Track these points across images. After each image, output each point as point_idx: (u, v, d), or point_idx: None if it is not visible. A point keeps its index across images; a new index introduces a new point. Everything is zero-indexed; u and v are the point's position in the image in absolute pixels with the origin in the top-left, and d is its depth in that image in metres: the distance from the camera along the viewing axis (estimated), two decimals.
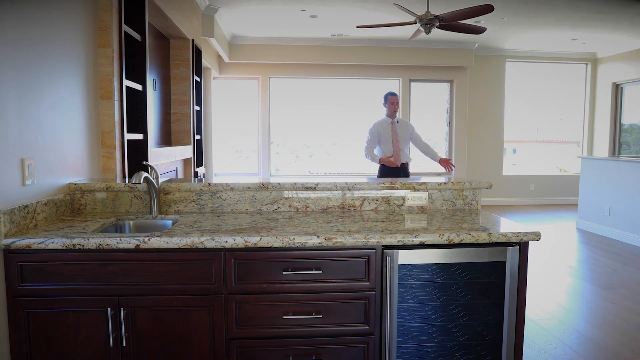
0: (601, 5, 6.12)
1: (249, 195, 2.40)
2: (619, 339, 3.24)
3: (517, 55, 9.23)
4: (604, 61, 9.36)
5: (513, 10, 6.39)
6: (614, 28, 7.38)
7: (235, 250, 1.81)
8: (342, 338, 1.89)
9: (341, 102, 9.04)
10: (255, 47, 8.16)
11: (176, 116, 5.08)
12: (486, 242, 1.89)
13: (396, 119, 5.21)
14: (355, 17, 6.68)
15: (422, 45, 8.42)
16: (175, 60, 5.03)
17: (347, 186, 2.41)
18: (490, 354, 1.99)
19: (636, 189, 5.98)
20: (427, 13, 4.90)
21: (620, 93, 9.15)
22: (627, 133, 9.08)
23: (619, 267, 4.99)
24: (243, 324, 1.85)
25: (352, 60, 8.45)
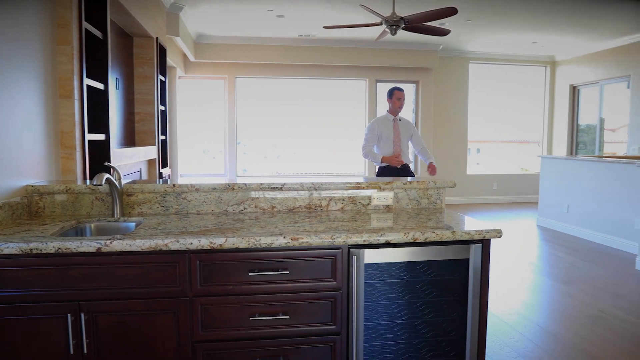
0: (559, 10, 6.34)
1: (214, 196, 2.37)
2: (577, 331, 3.37)
3: (480, 57, 9.46)
4: (562, 64, 9.70)
5: (476, 14, 6.55)
6: (571, 32, 7.66)
7: (200, 252, 1.79)
8: (309, 338, 1.89)
9: (309, 103, 9.06)
10: (221, 47, 8.07)
11: (140, 116, 4.97)
12: (450, 240, 1.93)
13: (398, 117, 4.87)
14: (322, 18, 6.70)
15: (388, 46, 8.53)
16: (139, 59, 4.92)
17: (314, 186, 2.42)
18: (454, 350, 2.03)
19: (592, 187, 6.23)
20: (393, 14, 4.96)
21: (577, 95, 9.50)
22: (584, 133, 9.43)
23: (577, 262, 5.18)
24: (209, 327, 1.83)
25: (319, 61, 8.48)
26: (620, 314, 3.67)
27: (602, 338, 3.24)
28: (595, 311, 3.73)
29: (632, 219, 5.50)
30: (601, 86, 8.80)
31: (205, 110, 8.73)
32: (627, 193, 5.62)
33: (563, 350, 3.08)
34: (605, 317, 3.60)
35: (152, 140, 5.00)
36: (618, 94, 8.51)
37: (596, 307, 3.82)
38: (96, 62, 3.21)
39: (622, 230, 5.72)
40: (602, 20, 6.90)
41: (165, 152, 5.63)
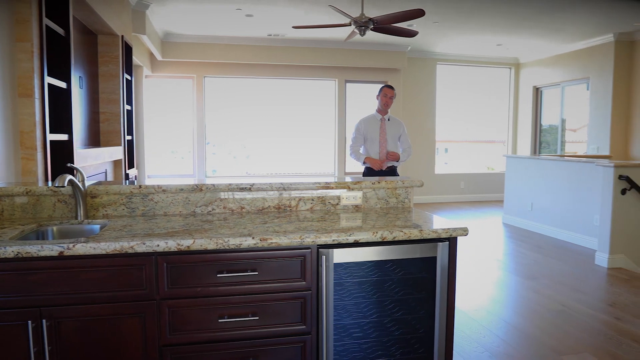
0: (523, 14, 6.52)
1: (182, 198, 2.34)
2: (541, 325, 3.47)
3: (447, 59, 9.63)
4: (526, 66, 9.97)
5: (443, 16, 6.66)
6: (534, 35, 7.89)
7: (167, 254, 1.76)
8: (279, 339, 1.88)
9: (278, 103, 9.03)
10: (189, 46, 7.96)
11: (105, 115, 4.85)
12: (418, 238, 1.96)
13: (387, 116, 4.70)
14: (291, 18, 6.69)
15: (357, 47, 8.58)
16: (104, 57, 4.80)
17: (283, 186, 2.41)
18: (423, 346, 2.06)
19: (555, 185, 6.42)
20: (362, 15, 5.00)
21: (540, 96, 9.79)
22: (547, 133, 9.72)
23: (541, 258, 5.33)
24: (177, 330, 1.80)
25: (289, 61, 8.46)
26: (581, 307, 3.80)
27: (564, 331, 3.35)
28: (558, 305, 3.85)
29: (592, 215, 5.71)
30: (562, 88, 9.10)
31: (173, 110, 8.59)
32: (587, 191, 5.82)
33: (528, 344, 3.16)
34: (567, 311, 3.72)
35: (118, 141, 4.89)
36: (578, 95, 8.81)
37: (559, 301, 3.94)
38: (58, 60, 3.12)
39: (582, 227, 5.92)
40: (563, 25, 7.13)
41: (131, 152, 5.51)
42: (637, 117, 7.74)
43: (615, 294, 4.13)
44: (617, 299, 4.02)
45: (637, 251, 4.99)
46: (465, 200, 9.90)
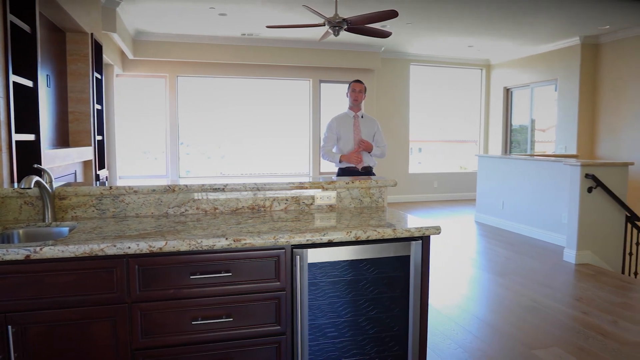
0: (494, 17, 6.65)
1: (154, 199, 2.30)
2: (512, 321, 3.54)
3: (420, 59, 9.74)
4: (497, 67, 10.17)
5: (416, 17, 6.74)
6: (504, 37, 8.05)
7: (139, 256, 1.72)
8: (254, 340, 1.87)
9: (253, 103, 8.98)
10: (161, 44, 7.85)
11: (74, 115, 4.73)
12: (391, 237, 1.97)
13: (360, 113, 4.45)
14: (265, 17, 6.66)
15: (331, 47, 8.61)
16: (73, 55, 4.68)
17: (257, 187, 2.40)
18: (398, 344, 2.08)
19: (525, 184, 6.57)
20: (336, 16, 5.01)
21: (510, 97, 10.00)
22: (517, 133, 9.94)
23: (512, 255, 5.45)
24: (150, 333, 1.77)
25: (263, 60, 8.43)
26: (550, 302, 3.90)
27: (534, 326, 3.43)
28: (528, 301, 3.94)
29: (560, 213, 5.86)
30: (532, 89, 9.31)
31: (145, 109, 8.45)
32: (555, 189, 5.98)
33: (500, 340, 3.23)
34: (537, 307, 3.81)
35: (88, 141, 4.78)
36: (547, 96, 9.04)
37: (529, 297, 4.03)
38: (24, 58, 3.02)
39: (551, 225, 6.07)
40: (532, 27, 7.30)
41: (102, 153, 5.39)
42: (603, 117, 7.99)
43: (582, 289, 4.26)
44: (584, 293, 4.14)
45: (602, 248, 5.15)
46: (438, 199, 10.04)
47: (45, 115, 3.89)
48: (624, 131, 7.60)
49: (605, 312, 3.68)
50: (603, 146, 8.00)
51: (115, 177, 7.52)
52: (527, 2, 5.93)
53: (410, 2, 5.99)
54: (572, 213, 5.12)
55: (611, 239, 5.19)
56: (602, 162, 5.24)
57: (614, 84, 7.76)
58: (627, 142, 7.53)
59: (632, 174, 6.80)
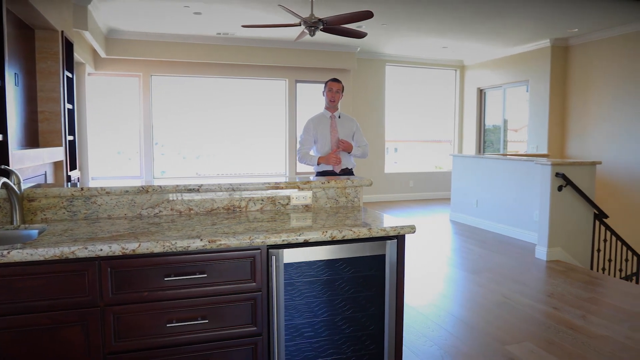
0: (467, 19, 6.75)
1: (127, 200, 2.26)
2: (486, 317, 3.61)
3: (395, 60, 9.83)
4: (470, 68, 10.34)
5: (391, 18, 6.79)
6: (477, 39, 8.19)
7: (111, 258, 1.69)
8: (230, 341, 1.86)
9: (229, 102, 8.91)
10: (135, 43, 7.72)
11: (44, 115, 4.62)
12: (367, 237, 1.99)
13: (337, 113, 4.26)
14: (241, 16, 6.62)
15: (307, 47, 8.61)
16: (42, 53, 4.57)
17: (232, 187, 2.38)
18: (374, 343, 2.09)
19: (498, 183, 6.70)
20: (312, 16, 5.02)
21: (483, 97, 10.18)
22: (491, 133, 10.13)
23: (485, 253, 5.55)
24: (123, 337, 1.74)
25: (239, 60, 8.38)
26: (522, 299, 3.98)
27: (507, 322, 3.50)
28: (501, 298, 4.02)
29: (532, 211, 6.00)
30: (504, 89, 9.50)
31: (118, 109, 8.30)
32: (527, 188, 6.11)
33: (474, 336, 3.29)
34: (509, 303, 3.89)
35: (59, 141, 4.67)
36: (519, 97, 9.23)
37: (502, 294, 4.12)
38: None
39: (523, 222, 6.21)
40: (504, 29, 7.45)
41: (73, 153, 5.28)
42: (572, 117, 8.20)
43: (553, 285, 4.36)
44: (554, 289, 4.24)
45: (572, 244, 5.29)
46: (414, 198, 10.15)
47: (13, 115, 3.79)
48: (591, 131, 7.82)
49: (574, 307, 3.78)
50: (572, 146, 8.21)
51: (87, 178, 7.37)
52: (499, 4, 6.05)
53: (386, 3, 6.04)
54: (543, 211, 5.24)
55: (580, 236, 5.34)
56: (572, 162, 5.39)
57: (582, 86, 7.98)
58: (595, 142, 7.75)
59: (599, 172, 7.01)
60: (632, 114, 7.12)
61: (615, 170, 7.35)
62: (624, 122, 7.25)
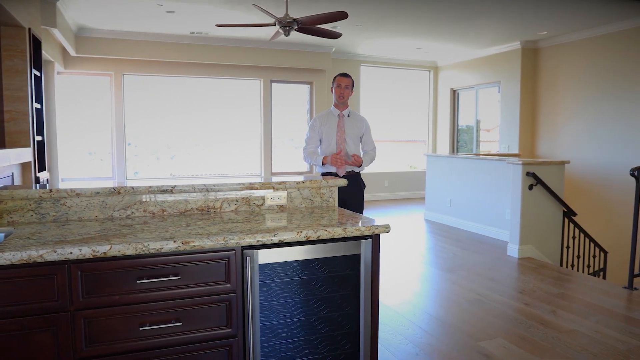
0: (440, 20, 6.84)
1: (98, 201, 2.22)
2: (459, 314, 3.67)
3: (370, 60, 9.89)
4: (444, 69, 10.48)
5: (366, 19, 6.83)
6: (451, 40, 8.31)
7: (81, 261, 1.66)
8: (204, 344, 1.84)
9: (203, 102, 8.82)
10: (106, 41, 7.57)
11: (11, 114, 4.48)
12: (342, 236, 2.00)
13: (347, 112, 3.89)
14: (214, 16, 6.56)
15: (282, 47, 8.59)
16: (8, 51, 4.43)
17: (206, 188, 2.36)
18: (350, 342, 2.10)
19: (471, 182, 6.81)
20: (286, 16, 5.01)
21: (456, 98, 10.34)
22: (464, 133, 10.29)
23: (459, 251, 5.63)
24: (95, 341, 1.70)
25: (213, 60, 8.30)
26: (495, 296, 4.06)
27: (480, 319, 3.56)
28: (474, 295, 4.09)
29: (504, 210, 6.12)
30: (477, 90, 9.67)
31: (90, 108, 8.12)
32: (499, 187, 6.23)
33: (448, 333, 3.33)
34: (482, 300, 3.96)
35: (26, 142, 4.54)
36: (491, 97, 9.41)
37: (475, 291, 4.19)
38: None
39: (495, 221, 6.33)
40: (476, 31, 7.58)
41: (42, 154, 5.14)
42: (542, 118, 8.40)
43: (525, 282, 4.46)
44: (526, 286, 4.34)
45: (543, 242, 5.42)
46: (389, 198, 10.23)
47: None
48: (560, 131, 8.03)
49: (545, 303, 3.87)
50: (542, 145, 8.41)
51: (57, 179, 7.19)
52: (471, 6, 6.15)
53: (360, 5, 6.07)
54: (514, 209, 5.35)
55: (550, 234, 5.47)
56: (542, 161, 5.51)
57: (551, 87, 8.19)
58: (564, 142, 7.96)
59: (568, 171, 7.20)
60: (599, 115, 7.34)
61: (583, 169, 7.57)
62: (591, 122, 7.47)
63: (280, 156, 9.39)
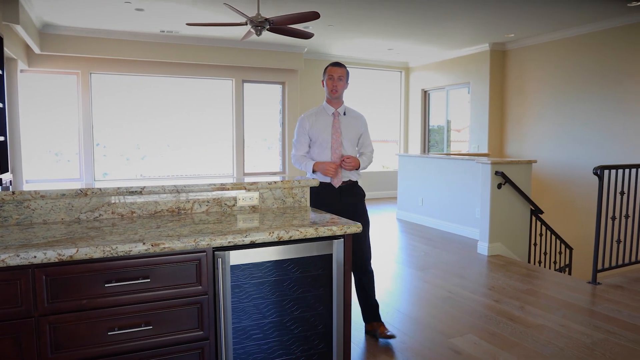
0: (411, 22, 6.92)
1: (64, 204, 2.16)
2: (431, 312, 3.72)
3: (342, 61, 9.86)
4: (415, 70, 10.61)
5: (338, 19, 6.86)
6: (422, 41, 8.42)
7: (46, 265, 1.61)
8: (176, 347, 1.82)
9: (174, 102, 8.69)
10: (72, 39, 7.37)
11: None
12: (314, 236, 2.00)
13: (342, 108, 3.18)
14: (185, 14, 6.47)
15: (255, 47, 8.54)
16: None
17: (177, 189, 2.32)
18: (323, 342, 2.11)
19: (442, 181, 6.92)
20: (258, 15, 4.98)
21: (428, 98, 10.48)
22: (435, 133, 10.44)
23: (430, 250, 5.71)
24: (61, 348, 1.66)
25: (184, 59, 8.19)
26: (466, 293, 4.13)
27: (451, 316, 3.62)
28: (445, 292, 4.15)
29: (474, 208, 6.23)
30: (447, 91, 9.82)
31: (55, 108, 7.89)
32: (469, 186, 6.35)
33: (420, 331, 3.38)
34: (453, 297, 4.02)
35: None
36: (461, 98, 9.57)
37: (446, 288, 4.25)
38: None
39: (465, 219, 6.44)
40: (446, 33, 7.70)
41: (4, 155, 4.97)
42: (510, 118, 8.60)
43: (494, 279, 4.56)
44: (495, 283, 4.43)
45: (511, 239, 5.55)
46: None
47: None
48: (528, 131, 8.23)
49: (513, 299, 3.96)
50: (511, 145, 8.61)
51: (21, 181, 6.97)
52: (441, 8, 6.24)
53: (332, 5, 6.09)
54: (484, 208, 5.46)
55: (518, 231, 5.61)
56: (510, 160, 5.64)
57: (519, 88, 8.39)
58: (531, 142, 8.17)
59: (535, 171, 7.40)
60: (564, 115, 7.56)
61: (549, 169, 7.78)
62: (557, 123, 7.69)
63: (253, 156, 9.34)
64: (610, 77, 6.87)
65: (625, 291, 4.15)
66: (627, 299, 3.94)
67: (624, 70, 6.69)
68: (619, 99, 6.77)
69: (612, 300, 3.93)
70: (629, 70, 6.63)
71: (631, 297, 4.00)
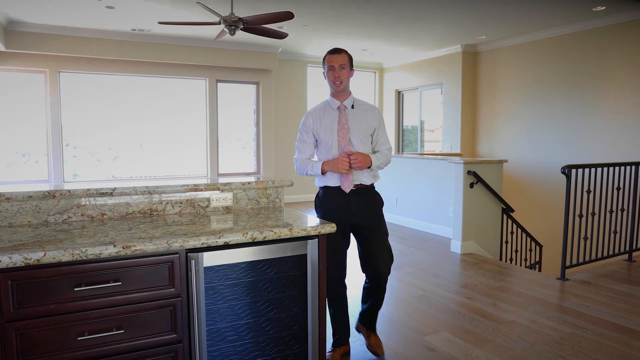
0: (384, 23, 6.98)
1: (31, 206, 2.10)
2: (406, 310, 3.75)
3: (317, 61, 9.94)
4: (389, 70, 10.70)
5: (311, 19, 6.86)
6: (395, 42, 8.50)
7: (12, 270, 1.56)
8: (148, 351, 1.79)
9: (146, 102, 8.54)
10: (40, 36, 7.17)
11: None
12: (288, 237, 1.99)
13: (349, 101, 2.85)
14: (157, 12, 6.38)
15: (228, 46, 8.48)
16: None
17: (148, 190, 2.29)
18: (298, 342, 2.11)
19: (416, 181, 7.00)
20: (232, 15, 4.95)
21: (402, 99, 10.58)
22: (409, 133, 10.55)
23: (405, 249, 5.77)
24: (28, 354, 1.61)
25: (156, 58, 8.06)
26: (439, 291, 4.19)
27: (425, 314, 3.66)
28: (419, 291, 4.20)
29: (447, 207, 6.33)
30: (420, 92, 9.94)
31: (23, 107, 7.66)
32: (442, 185, 6.44)
33: (395, 330, 3.41)
34: (427, 295, 4.07)
35: None
36: (434, 99, 9.70)
37: (420, 287, 4.30)
38: None
39: (439, 218, 6.53)
40: (421, 34, 7.79)
41: None
42: (481, 119, 8.76)
43: (467, 277, 4.63)
44: (468, 280, 4.51)
45: (483, 238, 5.65)
46: None
47: None
48: (499, 132, 8.40)
49: (486, 296, 4.04)
50: (482, 145, 8.77)
51: None
52: (414, 10, 6.32)
53: (307, 5, 6.09)
54: (457, 207, 5.54)
55: (490, 230, 5.71)
56: (481, 160, 5.75)
57: (490, 89, 8.55)
58: (502, 142, 8.34)
59: (506, 170, 7.56)
60: (534, 116, 7.74)
61: (520, 168, 7.96)
62: (527, 123, 7.86)
63: (227, 157, 9.26)
64: (577, 79, 7.07)
65: (592, 286, 4.28)
66: (594, 294, 4.06)
67: (590, 73, 6.90)
68: (586, 100, 6.97)
69: (580, 295, 4.05)
70: (595, 73, 6.84)
71: (597, 292, 4.13)
